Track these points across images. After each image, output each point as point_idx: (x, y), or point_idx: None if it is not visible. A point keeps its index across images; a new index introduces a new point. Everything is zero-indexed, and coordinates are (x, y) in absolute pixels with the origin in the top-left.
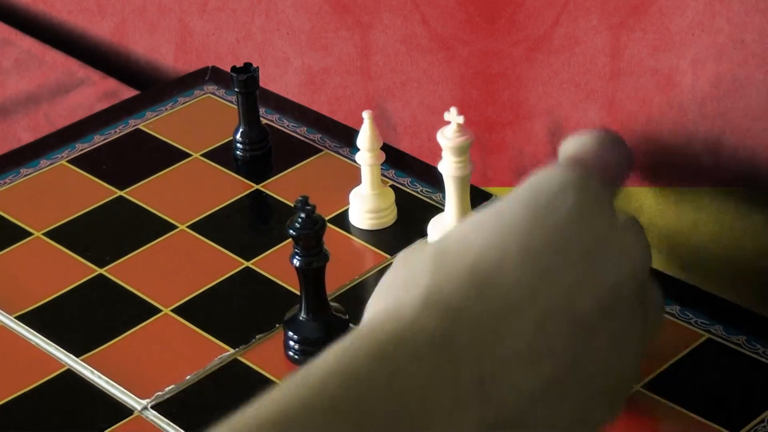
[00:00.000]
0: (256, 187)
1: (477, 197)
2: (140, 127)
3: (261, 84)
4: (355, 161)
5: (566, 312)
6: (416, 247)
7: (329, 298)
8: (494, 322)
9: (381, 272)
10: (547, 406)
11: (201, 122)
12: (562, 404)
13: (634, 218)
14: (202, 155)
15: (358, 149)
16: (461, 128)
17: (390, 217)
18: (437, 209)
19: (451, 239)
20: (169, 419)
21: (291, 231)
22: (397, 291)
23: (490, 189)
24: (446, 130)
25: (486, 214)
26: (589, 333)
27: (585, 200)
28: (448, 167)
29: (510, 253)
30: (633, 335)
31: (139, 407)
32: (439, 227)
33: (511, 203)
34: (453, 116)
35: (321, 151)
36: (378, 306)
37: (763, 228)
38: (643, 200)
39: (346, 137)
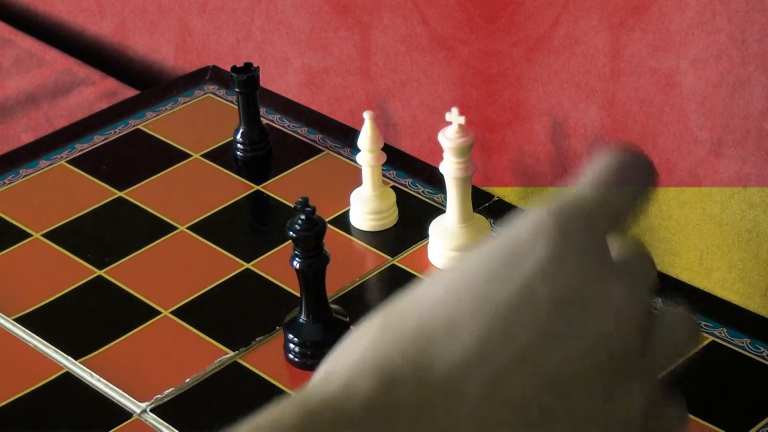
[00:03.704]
0: (256, 187)
1: (478, 198)
2: (140, 127)
3: (261, 84)
4: (356, 162)
5: (528, 371)
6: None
7: (330, 300)
8: (437, 384)
9: (382, 274)
10: None
11: (201, 122)
12: None
13: (639, 254)
14: (202, 156)
15: (358, 150)
16: (463, 129)
17: (391, 218)
18: (439, 210)
19: (406, 297)
20: (168, 422)
21: (291, 233)
22: (340, 353)
23: (490, 189)
24: (447, 130)
25: (444, 271)
26: (560, 389)
27: (560, 250)
28: (450, 168)
29: (462, 310)
30: (628, 401)
31: (138, 410)
32: (440, 228)
33: (474, 255)
34: (454, 117)
35: (322, 151)
36: (324, 368)
37: (765, 228)
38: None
39: (347, 138)
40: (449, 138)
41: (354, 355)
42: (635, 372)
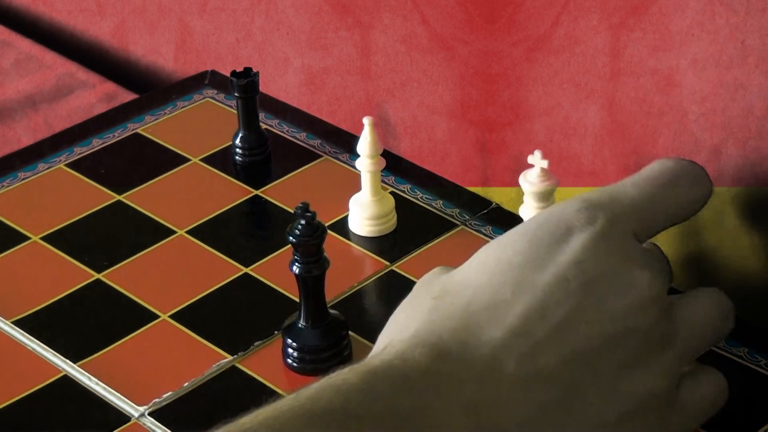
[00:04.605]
0: (255, 192)
1: (476, 204)
2: (139, 131)
3: (261, 85)
4: (354, 167)
5: (561, 342)
6: (434, 274)
7: (328, 306)
8: (481, 357)
9: (380, 280)
10: (547, 428)
11: (200, 127)
12: (563, 428)
13: (657, 251)
14: (201, 160)
15: (358, 155)
16: (545, 173)
17: (390, 224)
18: (437, 216)
19: (456, 276)
20: (166, 426)
21: (291, 238)
22: (396, 328)
23: (489, 189)
24: (529, 173)
25: (490, 249)
26: (590, 360)
27: (592, 241)
28: (531, 213)
29: (504, 292)
30: (650, 372)
31: (136, 414)
32: None
33: (515, 240)
34: (537, 160)
35: (320, 156)
36: (382, 341)
37: (765, 232)
38: None
39: (346, 143)
40: (531, 182)
41: (408, 331)
42: (658, 351)
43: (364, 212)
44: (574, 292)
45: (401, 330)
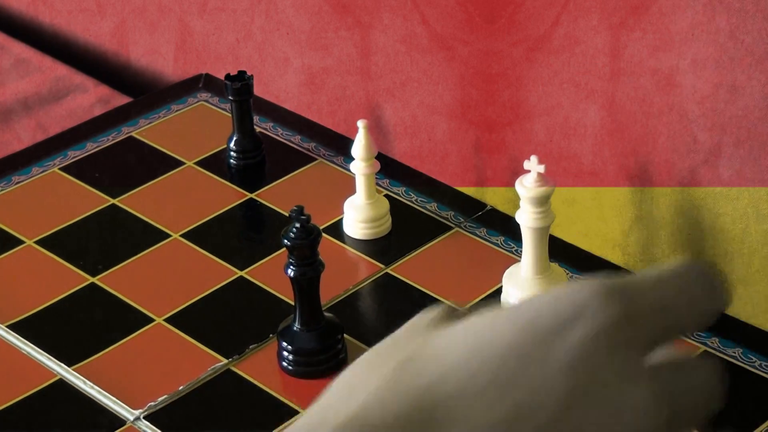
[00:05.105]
0: (249, 195)
1: (471, 207)
2: (133, 134)
3: (260, 85)
4: (349, 170)
5: None
6: (420, 318)
7: (323, 308)
8: None
9: (375, 282)
10: None
11: (194, 130)
12: None
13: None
14: (195, 163)
15: (352, 158)
16: (542, 177)
17: (384, 226)
18: (432, 219)
19: (432, 344)
20: (161, 429)
21: (286, 241)
22: (345, 389)
23: (488, 189)
24: (525, 179)
25: (476, 324)
26: None
27: (588, 343)
28: (527, 218)
29: (476, 382)
30: None
31: (131, 417)
32: (514, 278)
33: (506, 320)
34: (533, 165)
35: (315, 159)
36: (314, 408)
37: (762, 232)
38: (642, 201)
39: (341, 146)
40: (527, 186)
41: (353, 404)
42: None
43: (359, 215)
44: (554, 404)
45: (347, 397)
